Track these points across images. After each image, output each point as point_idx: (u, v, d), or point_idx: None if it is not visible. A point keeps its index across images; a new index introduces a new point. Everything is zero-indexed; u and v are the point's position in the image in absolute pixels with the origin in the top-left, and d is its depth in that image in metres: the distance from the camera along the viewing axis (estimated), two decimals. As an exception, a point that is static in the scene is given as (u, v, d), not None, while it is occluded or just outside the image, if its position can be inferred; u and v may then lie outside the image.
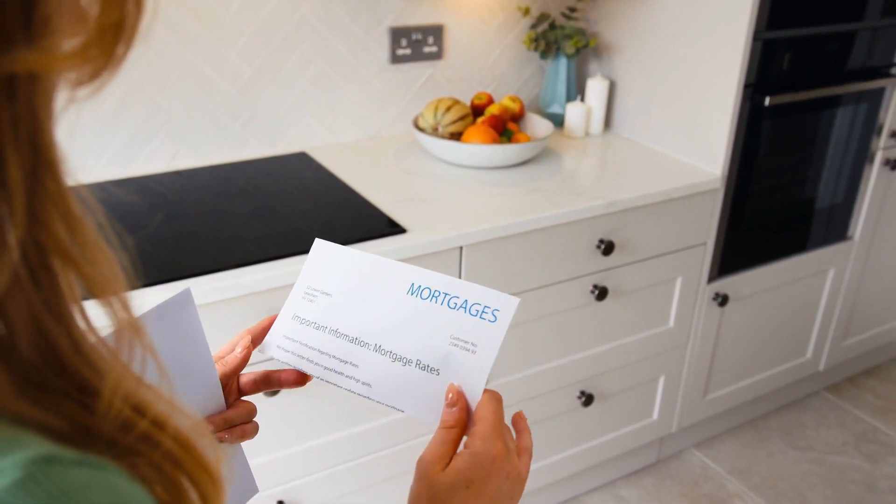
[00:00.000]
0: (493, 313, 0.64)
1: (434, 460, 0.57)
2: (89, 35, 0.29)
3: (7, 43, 0.27)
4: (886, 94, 2.01)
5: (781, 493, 2.08)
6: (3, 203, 0.28)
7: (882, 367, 2.61)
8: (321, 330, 0.72)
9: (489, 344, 0.64)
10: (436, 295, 0.68)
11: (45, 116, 0.29)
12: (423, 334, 0.67)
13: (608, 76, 2.02)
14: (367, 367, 0.69)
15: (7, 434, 0.28)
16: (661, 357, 1.92)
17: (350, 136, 1.88)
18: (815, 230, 2.07)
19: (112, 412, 0.31)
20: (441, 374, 0.65)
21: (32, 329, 0.29)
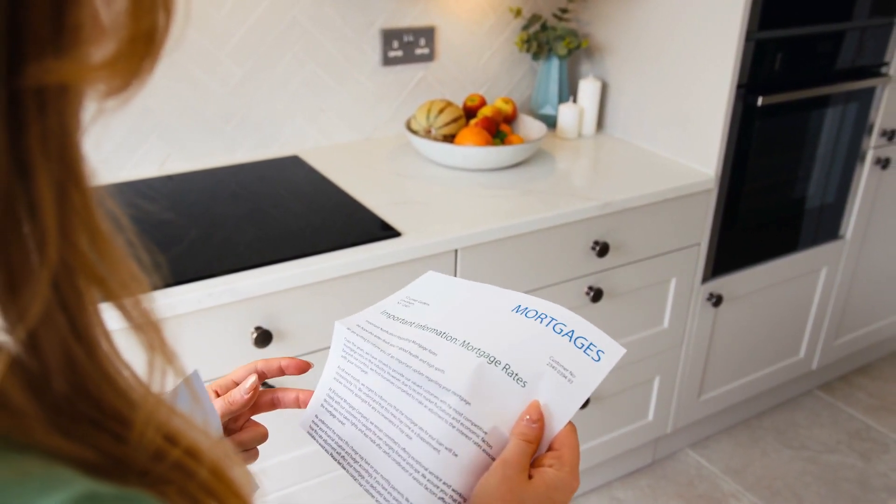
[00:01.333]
0: (598, 353, 0.63)
1: (521, 468, 0.57)
2: (121, 45, 0.28)
3: (37, 53, 0.26)
4: (877, 94, 2.02)
5: (776, 492, 2.08)
6: (32, 222, 0.27)
7: (873, 365, 2.62)
8: (407, 324, 0.69)
9: (587, 380, 0.62)
10: (542, 317, 0.66)
11: (74, 129, 0.28)
12: (521, 345, 0.65)
13: (600, 77, 2.02)
14: (446, 357, 0.65)
15: (44, 472, 0.27)
16: (657, 358, 1.92)
17: (342, 138, 1.87)
18: (807, 230, 2.08)
19: (144, 442, 0.30)
20: (527, 387, 0.62)
21: (62, 358, 0.29)
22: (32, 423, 0.28)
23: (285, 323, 1.31)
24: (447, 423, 0.61)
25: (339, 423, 0.66)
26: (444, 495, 0.59)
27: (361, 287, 1.37)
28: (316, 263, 1.31)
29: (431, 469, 0.60)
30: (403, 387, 0.64)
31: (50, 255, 0.28)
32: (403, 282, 1.41)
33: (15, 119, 0.26)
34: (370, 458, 0.62)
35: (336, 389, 0.68)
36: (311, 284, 1.31)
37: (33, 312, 0.28)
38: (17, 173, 0.27)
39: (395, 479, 0.60)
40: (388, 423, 0.63)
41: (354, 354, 0.68)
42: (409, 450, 0.61)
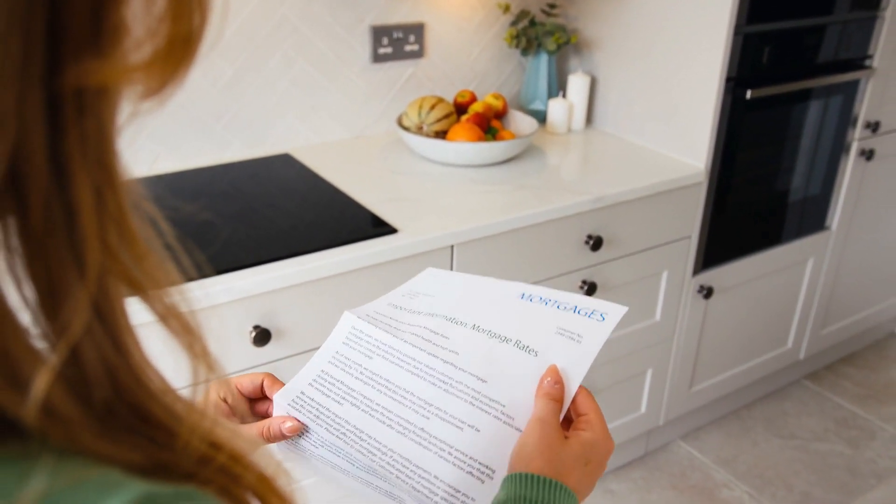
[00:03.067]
0: (601, 315, 0.66)
1: (555, 425, 0.58)
2: (159, 47, 0.28)
3: (76, 54, 0.26)
4: (861, 86, 2.04)
5: (768, 480, 2.11)
6: (70, 228, 0.27)
7: (859, 354, 2.66)
8: (415, 313, 0.71)
9: (595, 338, 0.65)
10: (546, 301, 0.69)
11: (112, 131, 0.28)
12: (528, 322, 0.67)
13: (589, 72, 2.03)
14: (457, 340, 0.67)
15: (99, 476, 0.27)
16: (649, 350, 1.93)
17: (333, 135, 1.86)
18: (794, 221, 2.10)
19: (190, 450, 0.30)
20: (539, 356, 0.65)
21: (101, 367, 0.28)
22: (80, 430, 0.28)
23: (284, 321, 1.31)
24: (466, 402, 0.63)
25: (335, 403, 0.66)
26: (473, 469, 0.60)
27: (359, 284, 1.37)
28: (313, 261, 1.30)
29: (456, 446, 0.61)
30: (415, 370, 0.66)
31: (91, 263, 0.28)
32: (401, 278, 1.41)
33: (54, 122, 0.26)
34: (382, 437, 0.63)
35: (330, 371, 0.68)
36: (308, 282, 1.31)
37: (77, 325, 0.28)
38: (55, 178, 0.27)
39: (418, 457, 0.61)
40: (399, 405, 0.64)
41: (359, 341, 0.69)
42: (427, 429, 0.62)
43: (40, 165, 0.26)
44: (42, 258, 0.27)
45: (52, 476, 0.26)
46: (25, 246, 0.27)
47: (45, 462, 0.26)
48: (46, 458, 0.27)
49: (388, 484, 0.62)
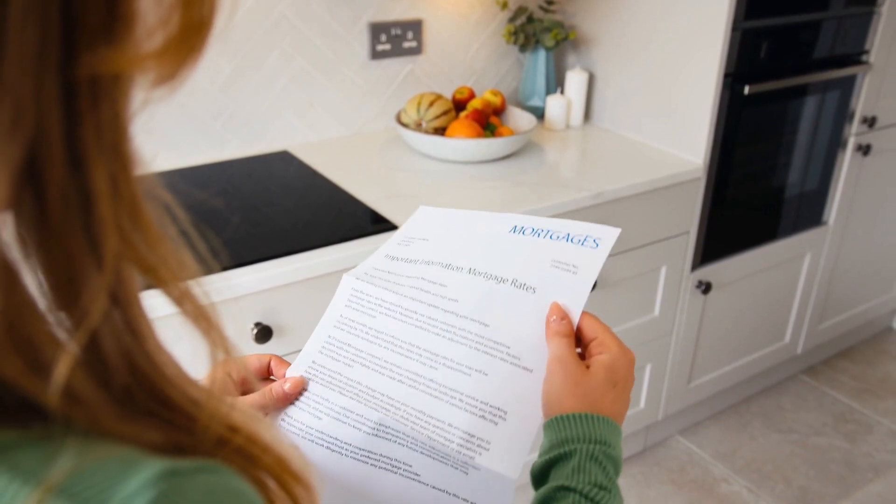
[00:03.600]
0: (594, 241, 0.67)
1: (575, 360, 0.59)
2: (172, 34, 0.28)
3: (90, 43, 0.26)
4: (857, 81, 2.05)
5: (766, 475, 2.12)
6: (87, 216, 0.27)
7: (855, 348, 2.67)
8: (412, 263, 0.71)
9: (590, 266, 0.65)
10: (538, 232, 0.69)
11: (126, 119, 0.28)
12: (522, 259, 0.67)
13: (587, 68, 2.03)
14: (456, 287, 0.67)
15: (122, 454, 0.28)
16: (648, 346, 1.94)
17: (332, 133, 1.86)
18: (792, 216, 2.11)
19: (209, 433, 0.31)
20: (538, 293, 0.65)
21: (119, 353, 0.29)
22: (101, 413, 0.28)
23: (285, 318, 1.31)
24: (471, 348, 0.63)
25: (346, 366, 0.66)
26: (485, 413, 0.61)
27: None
28: (314, 258, 1.30)
29: (466, 392, 0.62)
30: (418, 323, 0.66)
31: (108, 250, 0.28)
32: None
33: (70, 110, 0.26)
34: (394, 393, 0.63)
35: (337, 336, 0.69)
36: (310, 279, 1.31)
37: (96, 311, 0.28)
38: (71, 165, 0.27)
39: (431, 407, 0.62)
40: (407, 360, 0.65)
41: (361, 302, 0.70)
42: (437, 379, 0.63)
43: (58, 153, 0.26)
44: (58, 246, 0.27)
45: (77, 456, 0.27)
46: (41, 233, 0.27)
47: (71, 443, 0.27)
48: (72, 439, 0.27)
49: (399, 442, 0.61)
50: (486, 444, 0.59)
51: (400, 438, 0.61)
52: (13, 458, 0.26)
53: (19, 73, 0.25)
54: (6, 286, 0.26)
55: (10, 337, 0.26)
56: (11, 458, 0.26)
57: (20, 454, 0.27)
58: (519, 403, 0.61)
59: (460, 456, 0.59)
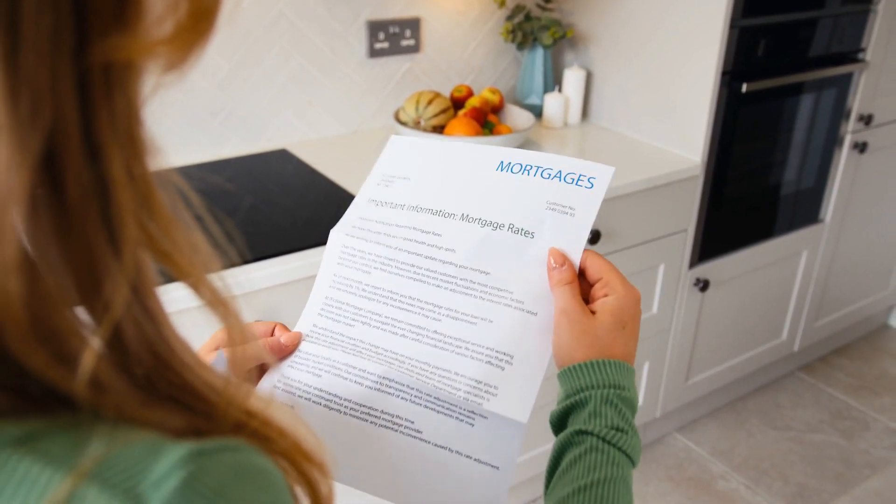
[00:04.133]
0: (590, 180, 0.64)
1: (580, 309, 0.59)
2: (181, 20, 0.28)
3: (102, 30, 0.26)
4: (854, 79, 2.06)
5: (764, 472, 2.12)
6: (105, 206, 0.27)
7: (852, 345, 2.68)
8: (398, 208, 0.68)
9: (587, 207, 0.64)
10: (527, 169, 0.66)
11: (139, 105, 0.29)
12: (516, 202, 0.65)
13: (585, 66, 2.03)
14: (451, 236, 0.66)
15: (147, 439, 0.28)
16: (646, 343, 1.94)
17: (330, 131, 1.86)
18: (789, 214, 2.12)
19: (227, 418, 0.31)
20: (536, 237, 0.64)
21: (140, 340, 0.29)
22: (126, 400, 0.29)
23: (286, 316, 1.31)
24: (475, 298, 0.63)
25: (347, 326, 0.65)
26: (491, 358, 0.60)
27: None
28: (315, 256, 1.30)
29: (472, 340, 0.61)
30: (416, 275, 0.65)
31: (128, 239, 0.28)
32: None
33: (84, 99, 0.26)
34: (397, 348, 0.63)
35: (334, 296, 0.67)
36: (310, 277, 1.31)
37: (119, 302, 0.28)
38: (88, 154, 0.27)
39: (436, 358, 0.61)
40: (408, 313, 0.64)
41: (354, 258, 0.68)
42: (441, 331, 0.62)
43: (74, 143, 0.26)
44: (77, 237, 0.27)
45: (106, 442, 0.27)
46: (60, 225, 0.27)
47: (100, 430, 0.28)
48: (102, 426, 0.28)
49: (402, 397, 0.60)
50: (493, 390, 0.59)
51: (403, 392, 0.60)
52: (43, 446, 0.27)
53: (36, 62, 0.25)
54: (28, 278, 0.26)
55: (34, 329, 0.26)
56: (41, 447, 0.27)
57: (49, 442, 0.27)
58: (525, 347, 0.61)
59: (467, 403, 0.59)
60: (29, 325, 0.26)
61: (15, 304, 0.26)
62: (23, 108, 0.25)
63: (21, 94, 0.25)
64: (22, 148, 0.25)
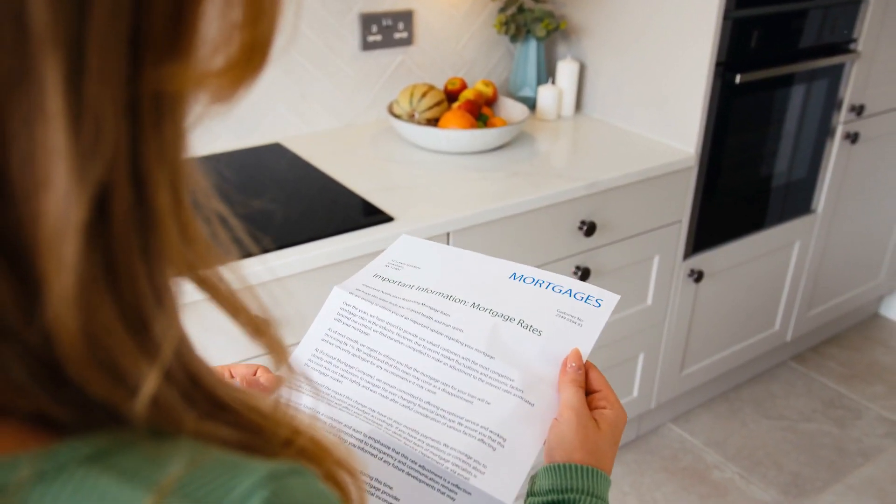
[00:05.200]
0: (597, 301, 0.68)
1: (588, 413, 0.61)
2: (235, 53, 0.28)
3: (156, 57, 0.26)
4: (846, 70, 2.06)
5: (758, 461, 2.14)
6: (148, 240, 0.27)
7: (843, 335, 2.70)
8: (407, 287, 0.69)
9: (594, 322, 0.66)
10: (539, 282, 0.69)
11: (186, 137, 0.28)
12: (527, 303, 0.68)
13: (578, 58, 2.03)
14: (459, 318, 0.66)
15: (225, 457, 0.29)
16: (641, 335, 1.95)
17: (324, 124, 1.85)
18: (781, 204, 2.12)
19: (276, 438, 0.32)
20: (543, 336, 0.65)
21: (176, 358, 0.29)
22: (183, 416, 0.29)
23: (280, 312, 1.30)
24: (474, 378, 0.63)
25: (334, 381, 0.65)
26: (484, 437, 0.60)
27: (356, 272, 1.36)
28: (310, 251, 1.30)
29: (466, 416, 0.61)
30: (416, 346, 0.65)
31: (170, 275, 0.28)
32: (397, 267, 1.41)
33: (134, 129, 0.26)
34: (386, 411, 0.62)
35: (325, 350, 0.67)
36: (306, 272, 1.30)
37: (167, 350, 0.28)
38: (135, 187, 0.26)
39: (425, 428, 0.61)
40: (401, 381, 0.63)
41: (353, 317, 0.68)
42: (434, 403, 0.62)
43: (123, 172, 0.26)
44: (123, 272, 0.27)
45: (188, 459, 0.28)
46: (105, 257, 0.26)
47: (179, 447, 0.28)
48: (175, 443, 0.28)
49: (385, 460, 0.60)
50: (482, 468, 0.58)
51: (387, 455, 0.59)
52: (118, 462, 0.27)
53: (99, 89, 0.24)
54: (85, 309, 0.26)
55: (92, 356, 0.26)
56: (117, 464, 0.27)
57: (123, 459, 0.27)
58: (519, 434, 0.61)
59: (453, 476, 0.58)
60: (87, 353, 0.26)
61: (73, 335, 0.26)
62: (85, 137, 0.24)
63: (85, 121, 0.24)
64: (81, 178, 0.24)
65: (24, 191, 0.25)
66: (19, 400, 0.27)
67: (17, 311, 0.26)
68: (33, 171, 0.24)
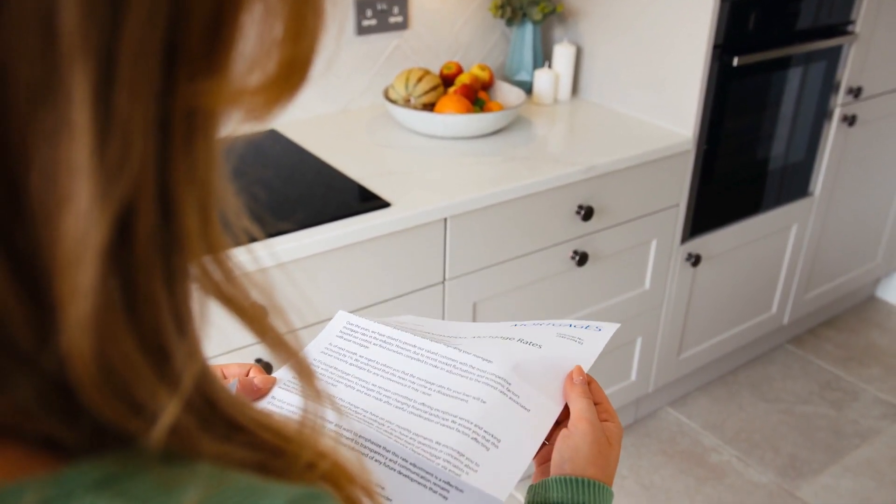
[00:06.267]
0: (597, 328, 0.69)
1: (603, 431, 0.61)
2: (273, 71, 0.26)
3: (190, 72, 0.24)
4: (843, 52, 2.05)
5: (755, 444, 2.14)
6: (171, 263, 0.26)
7: (839, 317, 2.70)
8: (408, 332, 0.69)
9: (594, 343, 0.68)
10: (539, 323, 0.72)
11: (217, 155, 0.27)
12: (528, 329, 0.70)
13: (574, 42, 2.01)
14: (460, 340, 0.68)
15: (243, 483, 0.27)
16: (638, 319, 1.95)
17: (318, 110, 1.84)
18: (778, 187, 2.12)
19: (298, 460, 0.31)
20: (544, 348, 0.66)
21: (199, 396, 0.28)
22: (200, 439, 0.28)
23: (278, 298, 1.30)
24: (470, 380, 0.63)
25: (329, 385, 0.65)
26: (478, 436, 0.60)
27: (354, 259, 1.36)
28: (307, 237, 1.29)
29: (461, 415, 0.61)
30: (415, 356, 0.65)
31: (194, 314, 0.27)
32: (396, 252, 1.41)
33: (164, 147, 0.25)
34: (378, 411, 0.62)
35: (323, 360, 0.67)
36: (302, 258, 1.30)
37: (188, 383, 0.27)
38: (161, 208, 0.25)
39: (418, 427, 0.61)
40: (397, 385, 0.64)
41: (355, 334, 0.69)
42: (429, 403, 0.62)
43: (150, 192, 0.24)
44: (143, 298, 0.26)
45: (205, 485, 0.26)
46: (125, 282, 0.25)
47: (197, 472, 0.27)
48: (191, 468, 0.27)
49: (376, 458, 0.60)
50: (474, 465, 0.58)
51: (378, 454, 0.59)
52: (128, 488, 0.26)
53: (129, 104, 0.23)
54: (102, 336, 0.25)
55: (107, 383, 0.25)
56: (127, 490, 0.26)
57: (133, 485, 0.26)
58: (513, 436, 0.61)
59: (445, 473, 0.57)
60: (102, 381, 0.25)
61: (88, 362, 0.24)
62: (111, 154, 0.23)
63: (112, 137, 0.23)
64: (104, 196, 0.23)
65: (44, 209, 0.23)
66: (25, 422, 0.26)
67: (30, 334, 0.25)
68: (55, 189, 0.23)
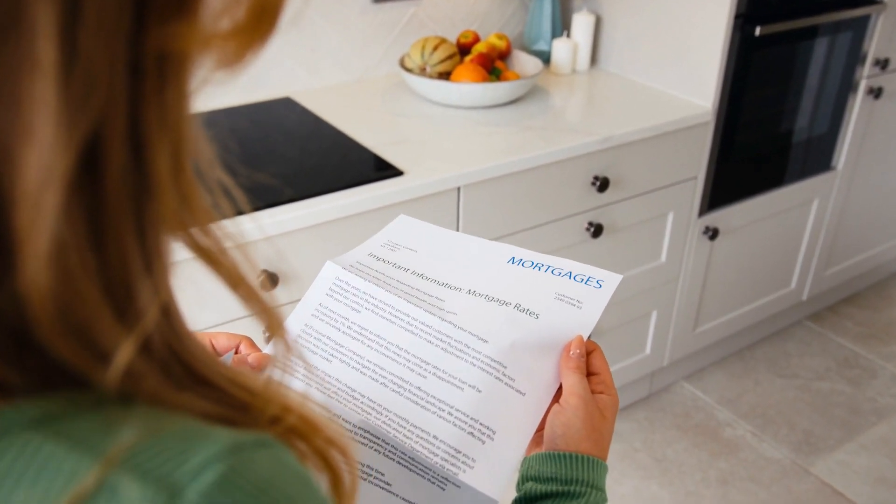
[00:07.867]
0: (598, 282, 0.66)
1: (596, 405, 0.60)
2: (243, 17, 0.26)
3: (161, 15, 0.25)
4: (871, 22, 2.00)
5: (770, 419, 2.13)
6: (142, 205, 0.26)
7: (861, 294, 2.67)
8: (402, 270, 0.68)
9: (594, 304, 0.65)
10: (538, 266, 0.68)
11: (188, 101, 0.27)
12: (524, 287, 0.66)
13: (594, 11, 1.98)
14: (454, 303, 0.65)
15: (183, 426, 0.27)
16: (654, 292, 1.93)
17: (334, 79, 1.83)
18: (800, 161, 2.08)
19: (263, 415, 0.31)
20: (540, 319, 0.64)
21: (157, 332, 0.28)
22: (159, 386, 0.28)
23: (290, 265, 1.30)
24: (466, 363, 0.61)
25: (324, 360, 0.64)
26: (474, 430, 0.59)
27: (366, 227, 1.36)
28: (320, 204, 1.29)
29: (456, 406, 0.60)
30: (408, 326, 0.64)
31: (163, 244, 0.27)
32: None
33: (135, 89, 0.25)
34: (376, 397, 0.61)
35: (315, 325, 0.66)
36: (315, 226, 1.30)
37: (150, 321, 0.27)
38: (132, 149, 0.25)
39: (416, 417, 0.60)
40: (393, 363, 0.62)
41: (345, 293, 0.66)
42: (425, 388, 0.61)
43: (121, 133, 0.25)
44: (111, 238, 0.26)
45: (140, 427, 0.26)
46: (92, 222, 0.25)
47: (133, 414, 0.26)
48: (132, 410, 0.27)
49: (377, 448, 0.60)
50: (471, 462, 0.58)
51: (378, 445, 0.59)
52: (65, 428, 0.25)
53: (95, 40, 0.23)
54: (60, 272, 0.25)
55: (64, 321, 0.25)
56: (64, 429, 0.25)
57: (72, 424, 0.26)
58: (508, 425, 0.60)
59: (443, 470, 0.58)
60: (58, 317, 0.25)
61: (45, 297, 0.24)
62: (75, 87, 0.23)
63: (76, 71, 0.23)
64: (69, 128, 0.23)
65: (6, 141, 0.23)
66: None
67: None
68: (18, 121, 0.23)
